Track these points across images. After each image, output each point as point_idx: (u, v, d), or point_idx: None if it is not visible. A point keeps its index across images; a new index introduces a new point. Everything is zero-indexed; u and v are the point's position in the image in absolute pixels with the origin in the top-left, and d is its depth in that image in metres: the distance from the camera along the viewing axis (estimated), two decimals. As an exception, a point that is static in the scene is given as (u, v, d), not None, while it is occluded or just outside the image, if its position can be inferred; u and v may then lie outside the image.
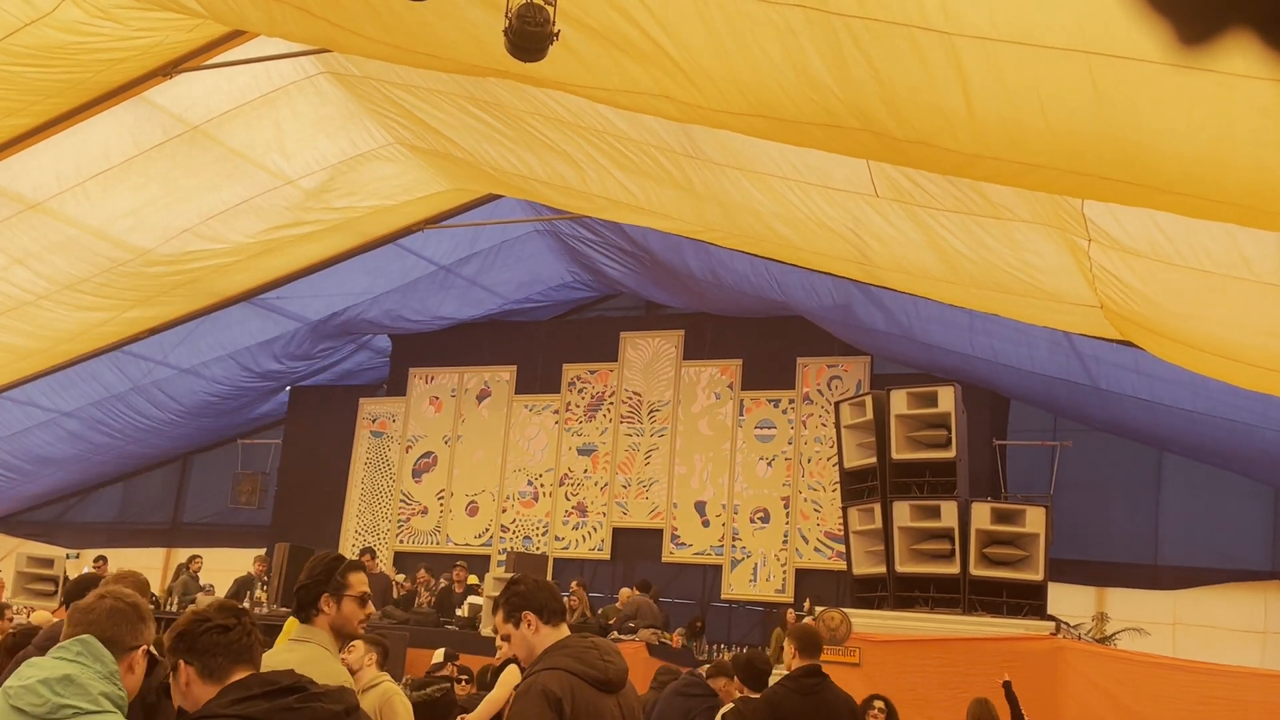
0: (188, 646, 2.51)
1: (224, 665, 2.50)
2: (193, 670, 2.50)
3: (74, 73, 8.64)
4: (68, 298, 12.24)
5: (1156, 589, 13.16)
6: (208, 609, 2.61)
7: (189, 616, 2.57)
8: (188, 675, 2.50)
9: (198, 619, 2.56)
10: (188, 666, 2.50)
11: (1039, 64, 3.85)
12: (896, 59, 4.25)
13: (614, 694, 3.38)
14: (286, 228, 12.24)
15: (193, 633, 2.53)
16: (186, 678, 2.50)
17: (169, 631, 2.62)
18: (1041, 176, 4.72)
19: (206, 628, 2.53)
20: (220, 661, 2.51)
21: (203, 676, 2.49)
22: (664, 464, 15.27)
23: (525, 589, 3.46)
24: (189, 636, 2.52)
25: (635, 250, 13.98)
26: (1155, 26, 0.93)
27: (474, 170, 11.06)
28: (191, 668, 2.50)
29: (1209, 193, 4.13)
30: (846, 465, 9.24)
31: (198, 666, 2.50)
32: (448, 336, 16.57)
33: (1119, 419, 12.44)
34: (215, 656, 2.51)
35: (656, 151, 8.11)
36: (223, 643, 2.52)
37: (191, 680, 2.50)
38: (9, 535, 18.29)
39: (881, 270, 8.44)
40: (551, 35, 4.88)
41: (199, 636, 2.52)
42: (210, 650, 2.51)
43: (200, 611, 2.60)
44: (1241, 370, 6.57)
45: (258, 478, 17.69)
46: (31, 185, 10.48)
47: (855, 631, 7.97)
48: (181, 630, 2.54)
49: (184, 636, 2.53)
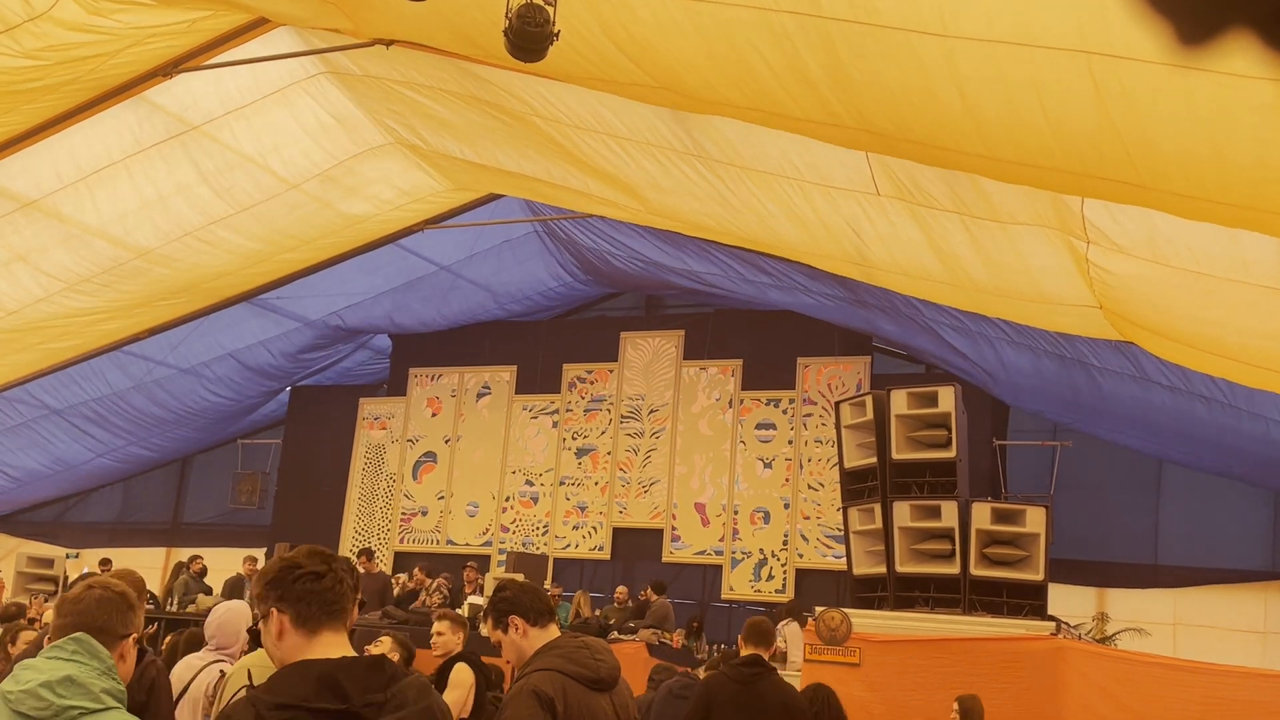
0: (280, 594, 2.42)
1: (317, 616, 2.41)
2: (286, 619, 2.41)
3: (73, 71, 8.63)
4: (68, 297, 12.24)
5: (1156, 589, 13.16)
6: (297, 555, 2.51)
7: (279, 563, 2.48)
8: (280, 624, 2.41)
9: (288, 565, 2.47)
10: (280, 615, 2.41)
11: (1038, 65, 3.85)
12: (893, 63, 4.25)
13: (607, 693, 3.39)
14: (286, 227, 12.24)
15: (284, 580, 2.43)
16: (280, 627, 2.41)
17: (256, 579, 2.51)
18: (1041, 176, 4.72)
19: (299, 575, 2.44)
20: (314, 611, 2.41)
21: (296, 625, 2.40)
22: (664, 464, 15.27)
23: (510, 594, 3.50)
24: (280, 584, 2.43)
25: (635, 250, 13.98)
26: (1155, 26, 0.93)
27: (474, 170, 11.06)
28: (285, 616, 2.41)
29: (1209, 193, 4.13)
30: (846, 465, 9.23)
31: (291, 615, 2.41)
32: (448, 336, 16.57)
33: (1118, 423, 12.44)
34: (309, 605, 2.41)
35: (656, 151, 8.11)
36: (316, 590, 2.43)
37: (285, 629, 2.41)
38: (9, 535, 18.29)
39: (881, 271, 8.44)
40: (551, 35, 4.88)
41: (291, 584, 2.43)
42: (304, 599, 2.41)
43: (289, 558, 2.50)
44: (1242, 369, 6.58)
45: (258, 478, 17.69)
46: (31, 184, 10.48)
47: (855, 631, 7.96)
48: (273, 578, 2.44)
49: (275, 584, 2.43)
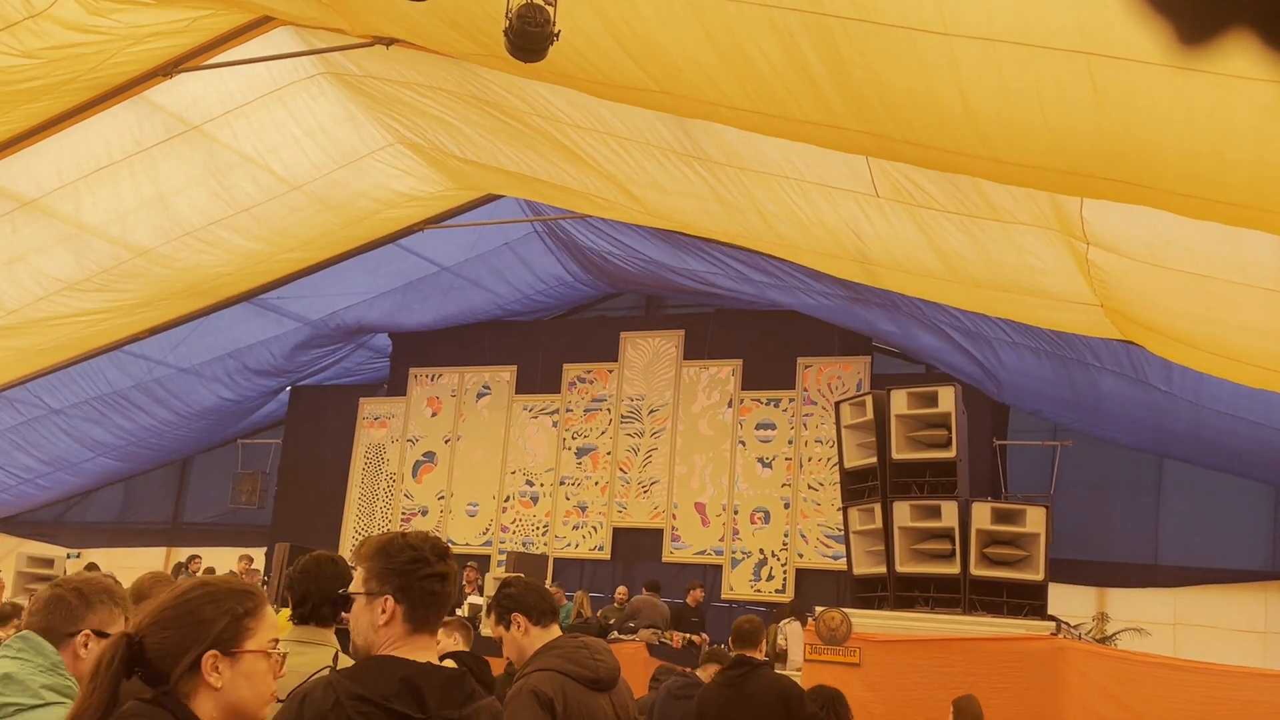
0: (402, 585, 2.31)
1: (426, 618, 2.33)
2: (401, 610, 2.31)
3: (73, 70, 8.63)
4: (68, 297, 12.24)
5: (1156, 589, 13.16)
6: (422, 548, 2.36)
7: (405, 551, 2.34)
8: (393, 613, 2.31)
9: (417, 559, 2.33)
10: (397, 605, 2.31)
11: (1038, 65, 3.85)
12: (894, 61, 4.25)
13: (606, 693, 3.39)
14: (286, 227, 12.24)
15: (412, 572, 2.32)
16: (390, 615, 2.31)
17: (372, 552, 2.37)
18: (1040, 177, 4.72)
19: (428, 573, 2.33)
20: (428, 614, 2.33)
21: (405, 619, 2.31)
22: (664, 464, 15.27)
23: (515, 591, 3.49)
24: (406, 574, 2.32)
25: (635, 250, 13.98)
26: (1156, 26, 0.93)
27: (474, 170, 11.06)
28: (401, 607, 2.31)
29: (1209, 192, 4.13)
30: (846, 465, 9.22)
31: (406, 608, 2.31)
32: (448, 336, 16.58)
33: (1119, 423, 12.44)
34: (426, 607, 2.33)
35: (657, 152, 8.11)
36: (438, 593, 2.34)
37: (395, 619, 2.31)
38: (9, 535, 18.28)
39: (882, 270, 8.44)
40: (551, 35, 4.88)
41: (419, 580, 2.33)
42: (424, 599, 2.33)
43: (416, 547, 2.35)
44: (1243, 369, 6.57)
45: (258, 478, 17.70)
46: (31, 184, 10.47)
47: (855, 631, 7.95)
48: (399, 566, 2.33)
49: (400, 574, 2.32)
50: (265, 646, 1.97)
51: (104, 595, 2.63)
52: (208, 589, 2.00)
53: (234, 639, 1.93)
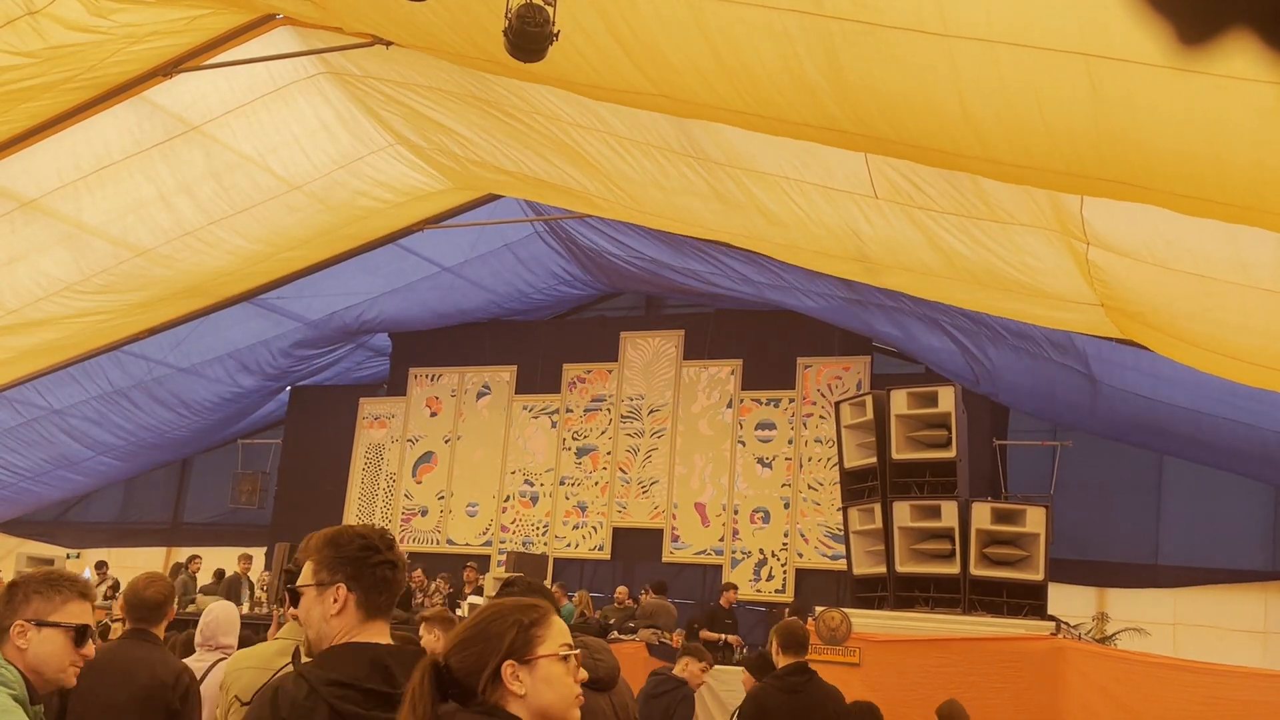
0: (354, 574, 2.35)
1: (379, 604, 2.37)
2: (354, 598, 2.35)
3: (72, 69, 8.63)
4: (67, 297, 12.24)
5: (1156, 589, 13.16)
6: (370, 537, 2.41)
7: (356, 541, 2.39)
8: (346, 601, 2.35)
9: (368, 547, 2.38)
10: (349, 593, 2.34)
11: (1037, 66, 3.84)
12: (892, 63, 4.25)
13: (605, 692, 3.40)
14: (286, 228, 12.24)
15: (363, 561, 2.36)
16: (344, 604, 2.35)
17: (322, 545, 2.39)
18: (1039, 177, 4.72)
19: (379, 561, 2.37)
20: (381, 600, 2.37)
21: (359, 606, 2.35)
22: (664, 464, 15.27)
23: (516, 592, 3.51)
24: (358, 563, 2.36)
25: (635, 250, 13.98)
26: (1155, 27, 0.93)
27: (474, 170, 11.06)
28: (353, 595, 2.35)
29: (1207, 193, 4.13)
30: (846, 465, 9.22)
31: (359, 596, 2.35)
32: (448, 336, 16.58)
33: (1119, 421, 12.43)
34: (380, 593, 2.37)
35: (656, 152, 8.11)
36: (390, 580, 2.38)
37: (348, 608, 2.35)
38: (9, 535, 18.29)
39: (883, 269, 8.43)
40: (551, 35, 4.88)
41: (372, 567, 2.36)
42: (378, 585, 2.36)
43: (365, 537, 2.40)
44: (1244, 369, 6.57)
45: (258, 478, 17.70)
46: (31, 184, 10.47)
47: (855, 631, 7.95)
48: (350, 555, 2.36)
49: (353, 562, 2.36)
50: (557, 650, 2.05)
51: (43, 586, 2.69)
52: (495, 607, 2.09)
53: (525, 647, 2.02)
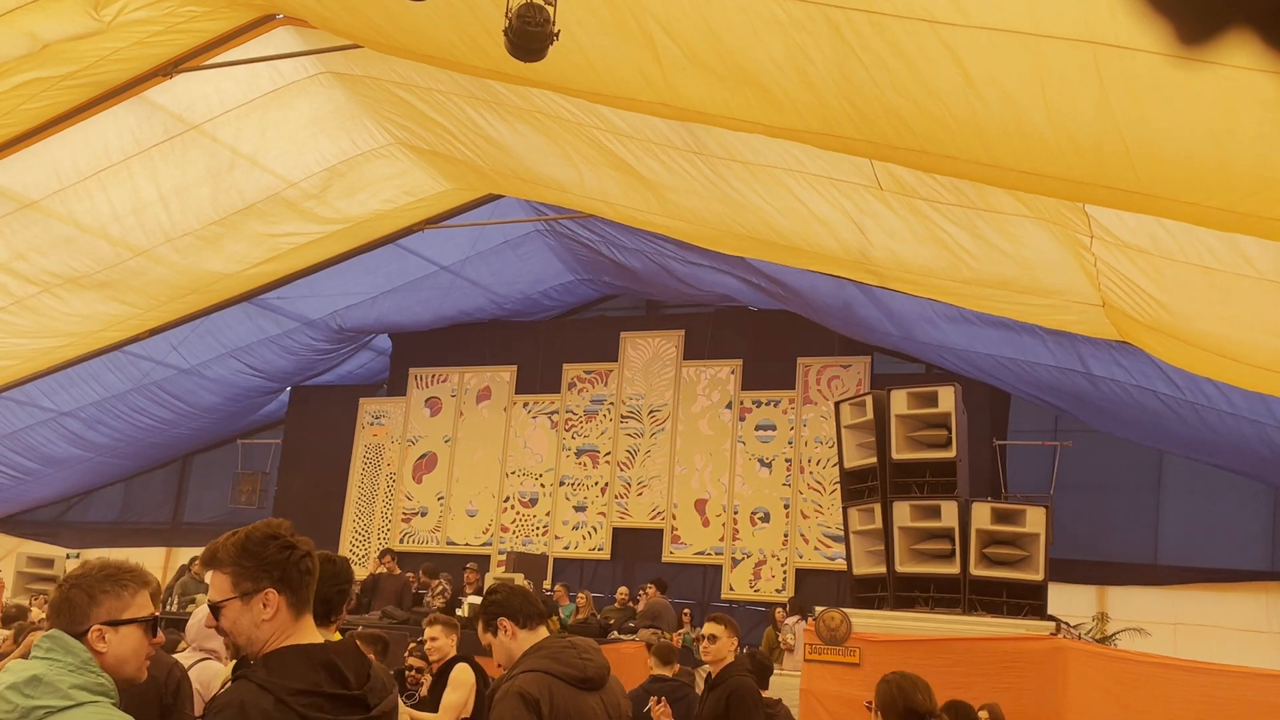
0: (281, 575, 2.28)
1: (308, 600, 2.31)
2: (284, 600, 2.29)
3: (72, 68, 8.63)
4: (67, 297, 12.24)
5: (1156, 588, 13.16)
6: (279, 531, 2.33)
7: (268, 538, 2.30)
8: (279, 605, 2.28)
9: (285, 545, 2.30)
10: (279, 596, 2.28)
11: (1044, 57, 3.84)
12: (896, 62, 4.24)
13: (595, 692, 3.39)
14: (286, 228, 12.24)
15: (285, 560, 2.29)
16: (277, 608, 2.28)
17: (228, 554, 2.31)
18: (1044, 184, 4.71)
19: (299, 556, 2.31)
20: (308, 595, 2.31)
21: (291, 607, 2.30)
22: (664, 464, 15.27)
23: (500, 597, 3.51)
24: (281, 564, 2.28)
25: (636, 249, 13.98)
26: (1156, 26, 0.93)
27: (474, 170, 11.06)
28: (283, 598, 2.29)
29: (1210, 197, 4.12)
30: (846, 465, 9.22)
31: (289, 597, 2.29)
32: (448, 336, 16.57)
33: (1119, 420, 12.43)
34: (307, 589, 2.31)
35: (657, 149, 8.11)
36: (312, 572, 2.32)
37: (281, 611, 2.29)
38: (9, 535, 18.29)
39: (883, 269, 8.43)
40: (551, 35, 4.89)
41: (294, 565, 2.30)
42: (304, 582, 2.30)
43: (278, 534, 2.31)
44: (1243, 371, 6.57)
45: (258, 478, 17.70)
46: (31, 184, 10.47)
47: (855, 631, 7.95)
48: (270, 558, 2.28)
49: (276, 565, 2.28)
50: None
51: (108, 584, 2.61)
52: None
53: None
